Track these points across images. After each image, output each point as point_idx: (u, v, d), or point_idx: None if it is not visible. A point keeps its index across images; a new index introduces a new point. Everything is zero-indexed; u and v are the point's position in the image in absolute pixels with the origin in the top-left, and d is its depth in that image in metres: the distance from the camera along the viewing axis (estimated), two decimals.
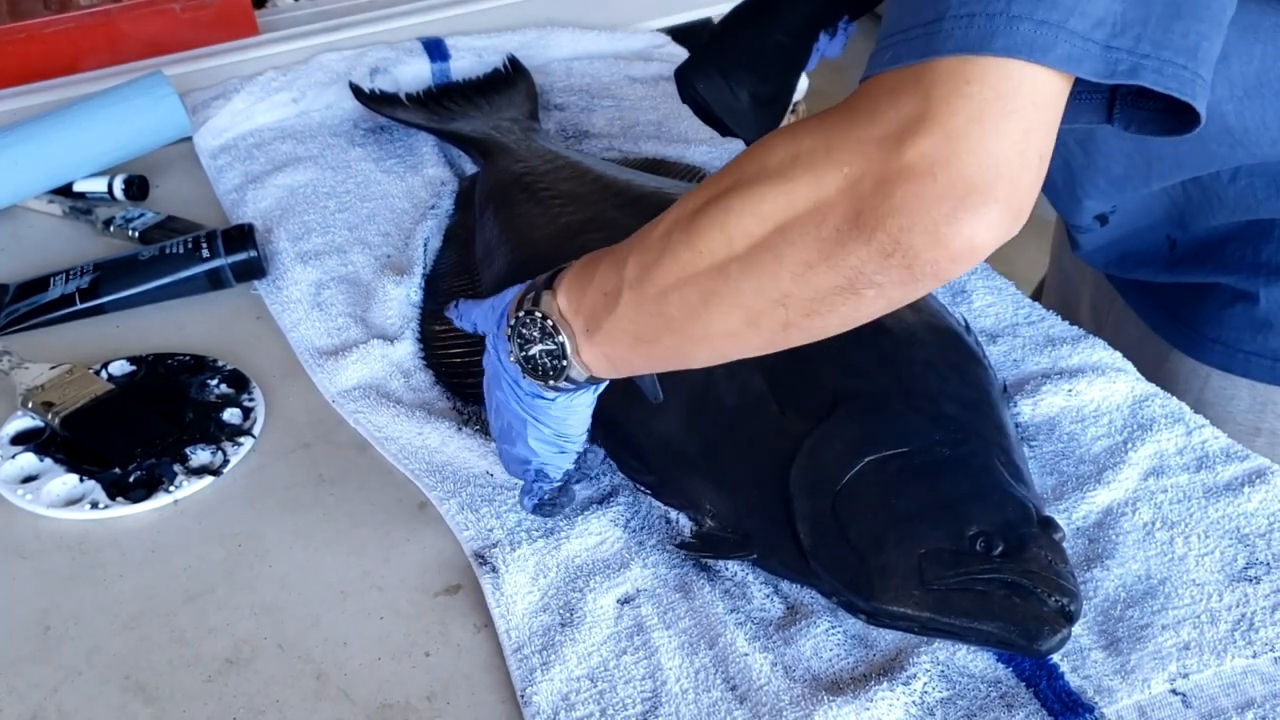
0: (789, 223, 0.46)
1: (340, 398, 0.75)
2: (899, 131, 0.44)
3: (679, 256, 0.50)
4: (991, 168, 0.43)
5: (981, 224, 0.43)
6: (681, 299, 0.50)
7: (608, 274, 0.53)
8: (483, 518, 0.65)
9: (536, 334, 0.56)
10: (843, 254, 0.45)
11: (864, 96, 0.46)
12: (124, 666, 0.59)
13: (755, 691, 0.55)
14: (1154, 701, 0.54)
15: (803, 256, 0.46)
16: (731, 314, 0.49)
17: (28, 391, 0.74)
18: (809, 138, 0.47)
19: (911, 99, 0.44)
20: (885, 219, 0.44)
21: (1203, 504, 0.64)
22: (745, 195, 0.48)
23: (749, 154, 0.49)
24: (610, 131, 1.05)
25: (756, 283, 0.48)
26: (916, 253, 0.44)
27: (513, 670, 0.57)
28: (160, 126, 1.01)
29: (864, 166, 0.44)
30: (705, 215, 0.49)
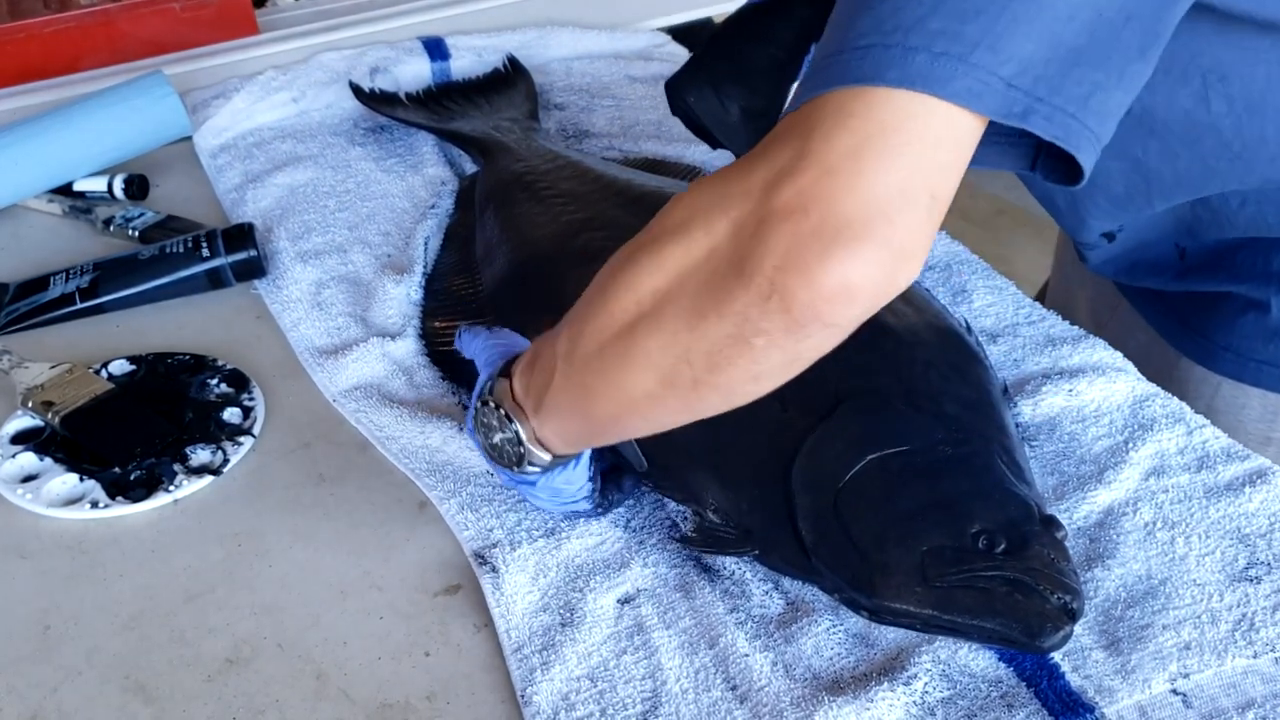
0: (685, 274, 0.46)
1: (341, 397, 0.75)
2: (780, 172, 0.43)
3: (597, 321, 0.50)
4: (869, 204, 0.41)
5: (855, 263, 0.42)
6: (601, 365, 0.50)
7: (547, 351, 0.54)
8: (482, 517, 0.65)
9: (495, 423, 0.57)
10: (728, 299, 0.44)
11: (761, 144, 0.45)
12: (124, 666, 0.59)
13: (756, 692, 0.55)
14: (1154, 701, 0.54)
15: (695, 306, 0.46)
16: (645, 375, 0.49)
17: (28, 391, 0.74)
18: (707, 190, 0.47)
19: (794, 138, 0.43)
20: (761, 260, 0.43)
21: (1203, 504, 0.64)
22: (650, 252, 0.48)
23: (659, 214, 0.49)
24: (610, 131, 1.05)
25: (660, 338, 0.47)
26: (792, 294, 0.43)
27: (513, 670, 0.57)
28: (160, 126, 1.01)
29: (747, 210, 0.44)
30: (617, 276, 0.49)
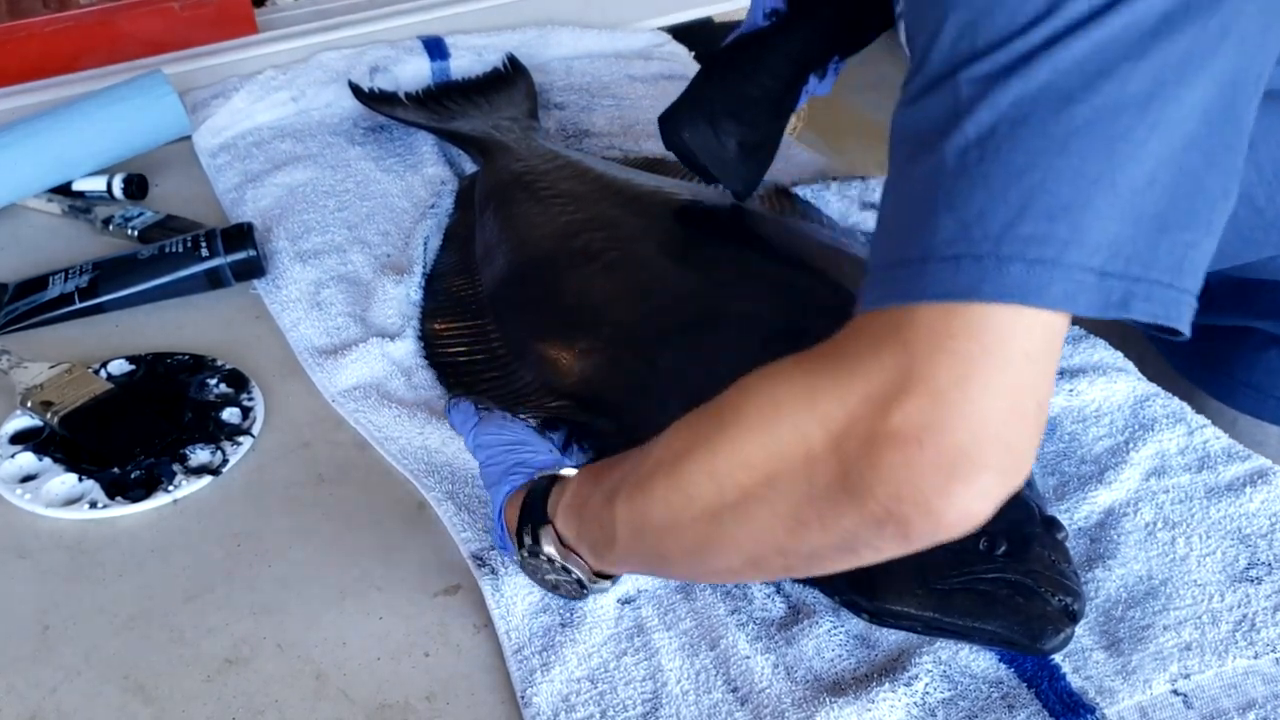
0: (778, 475, 0.45)
1: (340, 397, 0.75)
2: (882, 390, 0.41)
3: (669, 502, 0.48)
4: (982, 432, 0.40)
5: (975, 492, 0.41)
6: (678, 542, 0.49)
7: (599, 511, 0.53)
8: (480, 519, 0.65)
9: (546, 567, 0.56)
10: (835, 516, 0.44)
11: (847, 341, 0.44)
12: (123, 666, 0.59)
13: (757, 694, 0.55)
14: (1155, 702, 0.54)
15: (795, 513, 0.45)
16: (732, 557, 0.48)
17: (27, 391, 0.74)
18: (789, 385, 0.45)
19: (893, 352, 0.42)
20: (874, 487, 0.42)
21: (1204, 504, 0.64)
22: (730, 441, 0.46)
23: (729, 395, 0.47)
24: (610, 130, 1.05)
25: (752, 532, 0.47)
26: (909, 522, 0.42)
27: (513, 671, 0.56)
28: (159, 125, 1.01)
29: (848, 425, 0.42)
30: (691, 460, 0.48)
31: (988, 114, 0.41)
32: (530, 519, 0.57)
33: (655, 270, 0.76)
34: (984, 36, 0.41)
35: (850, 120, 2.65)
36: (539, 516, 0.56)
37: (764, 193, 0.89)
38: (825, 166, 0.99)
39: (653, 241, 0.78)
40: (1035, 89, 0.40)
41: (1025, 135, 0.40)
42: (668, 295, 0.73)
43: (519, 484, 0.59)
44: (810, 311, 0.69)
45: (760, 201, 0.88)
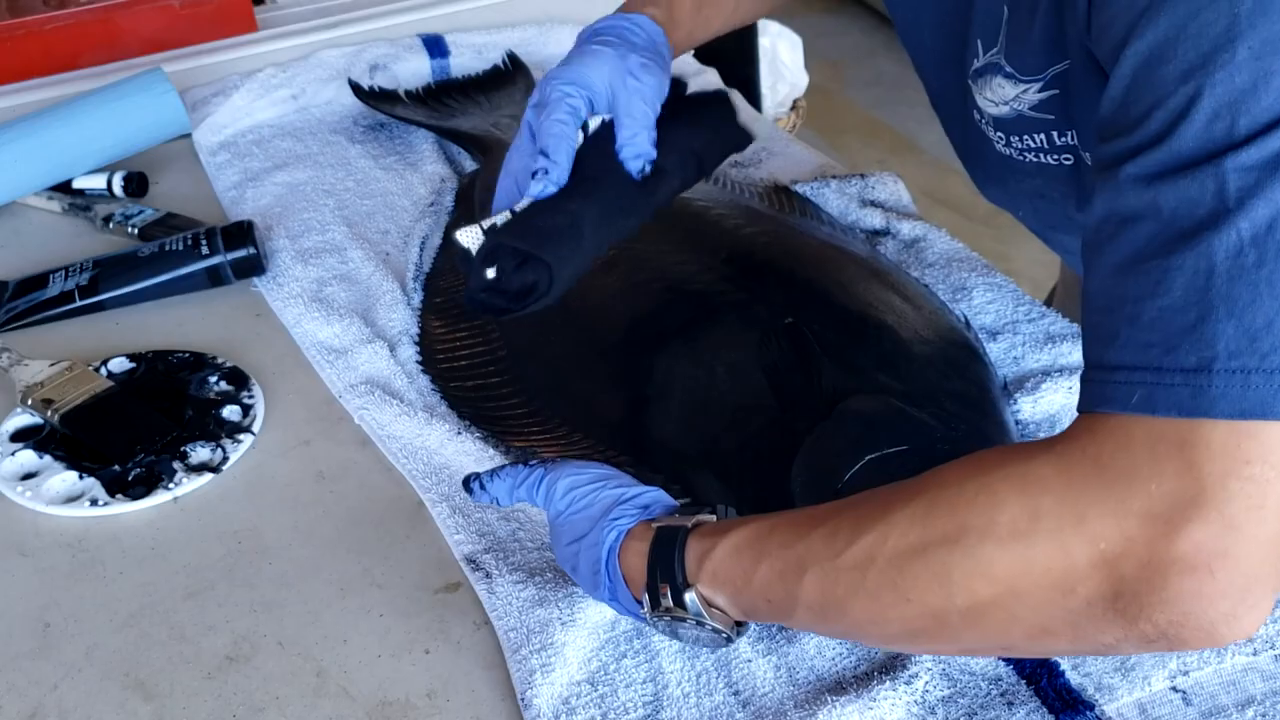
0: (1027, 587, 0.43)
1: (346, 392, 0.75)
2: (1167, 513, 0.40)
3: (880, 599, 0.46)
4: (1272, 556, 0.40)
5: (1258, 614, 0.41)
6: (881, 631, 0.48)
7: (772, 583, 0.49)
8: (474, 522, 0.65)
9: (690, 625, 0.52)
10: (1094, 631, 0.42)
11: (1115, 451, 0.41)
12: (124, 663, 0.59)
13: (759, 697, 0.55)
14: (1154, 699, 0.54)
15: (1042, 623, 0.43)
16: (943, 646, 0.48)
17: (27, 388, 0.74)
18: (1050, 496, 0.42)
19: (1179, 473, 0.39)
20: (1153, 610, 0.40)
21: None
22: (972, 553, 0.43)
23: (970, 499, 0.44)
24: None
25: (980, 634, 0.45)
26: (1184, 642, 0.41)
27: (512, 672, 0.56)
28: (159, 123, 1.01)
29: (1125, 547, 0.40)
30: (918, 564, 0.45)
31: (1265, 209, 0.39)
32: (665, 578, 0.51)
33: (655, 268, 0.76)
34: (1247, 120, 0.39)
35: (849, 117, 2.66)
36: (678, 579, 0.51)
37: (764, 190, 0.89)
38: (824, 164, 0.99)
39: (653, 240, 0.78)
40: None
41: None
42: (668, 293, 0.73)
43: (628, 526, 0.53)
44: (811, 310, 0.69)
45: (760, 199, 0.88)
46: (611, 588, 0.54)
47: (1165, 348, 0.40)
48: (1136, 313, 0.42)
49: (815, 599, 0.48)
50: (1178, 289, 0.40)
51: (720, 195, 0.86)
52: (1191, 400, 0.40)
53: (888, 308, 0.70)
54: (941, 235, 0.87)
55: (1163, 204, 0.41)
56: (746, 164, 0.99)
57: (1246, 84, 0.40)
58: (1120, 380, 0.42)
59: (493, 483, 0.58)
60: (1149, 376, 0.41)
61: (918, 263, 0.84)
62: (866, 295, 0.71)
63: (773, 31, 1.56)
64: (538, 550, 0.63)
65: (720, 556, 0.51)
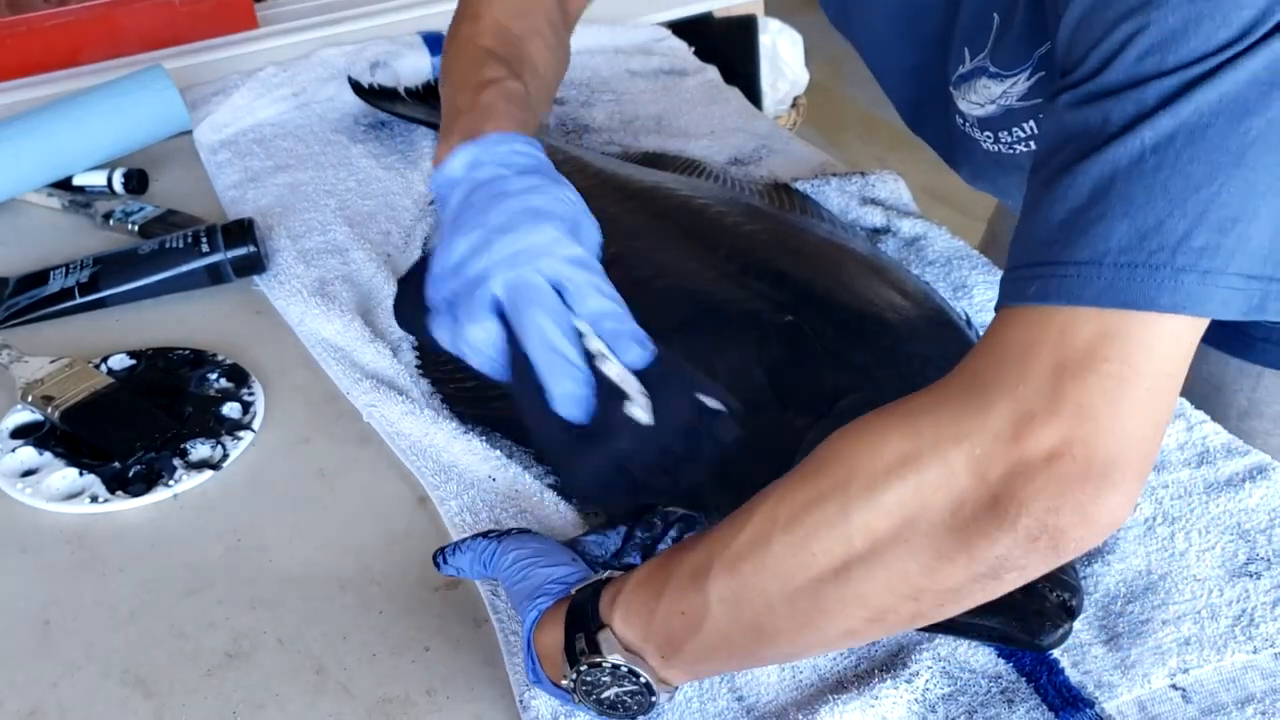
0: (917, 515, 0.44)
1: (354, 389, 0.74)
2: (1030, 411, 0.42)
3: (784, 564, 0.46)
4: (1129, 444, 0.42)
5: (1124, 497, 0.43)
6: (792, 609, 0.47)
7: (683, 593, 0.49)
8: (482, 522, 0.65)
9: (607, 679, 0.50)
10: (984, 543, 0.43)
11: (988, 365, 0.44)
12: (124, 661, 0.59)
13: (763, 704, 0.55)
14: (1154, 697, 0.54)
15: (937, 549, 0.44)
16: (853, 615, 0.47)
17: (27, 385, 0.74)
18: (929, 418, 0.44)
19: (1043, 374, 0.42)
20: (1028, 502, 0.42)
21: (1203, 499, 0.64)
22: (864, 490, 0.45)
23: (855, 444, 0.46)
24: (610, 126, 1.05)
25: (884, 582, 0.45)
26: (1063, 532, 0.43)
27: (511, 675, 0.56)
28: (159, 120, 1.01)
29: (995, 449, 0.42)
30: (813, 515, 0.46)
31: (1168, 121, 0.42)
32: (582, 628, 0.51)
33: (655, 266, 0.75)
34: (1174, 57, 0.42)
35: (850, 114, 2.65)
36: (593, 624, 0.51)
37: (764, 188, 0.89)
38: (824, 162, 0.99)
39: (653, 238, 0.78)
40: (1215, 100, 0.42)
41: (1204, 146, 0.41)
42: (668, 291, 0.73)
43: (549, 604, 0.53)
44: (813, 307, 0.69)
45: (761, 197, 0.88)
46: (534, 668, 0.53)
47: (1064, 244, 0.43)
48: (1047, 217, 0.44)
49: (723, 589, 0.47)
50: (1084, 192, 0.43)
51: (720, 193, 0.86)
52: (1079, 289, 0.42)
53: (888, 305, 0.70)
54: (942, 233, 0.87)
55: (1086, 122, 0.44)
56: (747, 162, 0.99)
57: (1178, 25, 0.42)
58: (1022, 276, 0.44)
59: (454, 556, 0.58)
60: (1045, 270, 0.43)
61: (918, 260, 0.84)
62: (867, 293, 0.71)
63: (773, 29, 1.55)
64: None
65: (630, 589, 0.51)
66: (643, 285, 0.74)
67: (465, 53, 0.69)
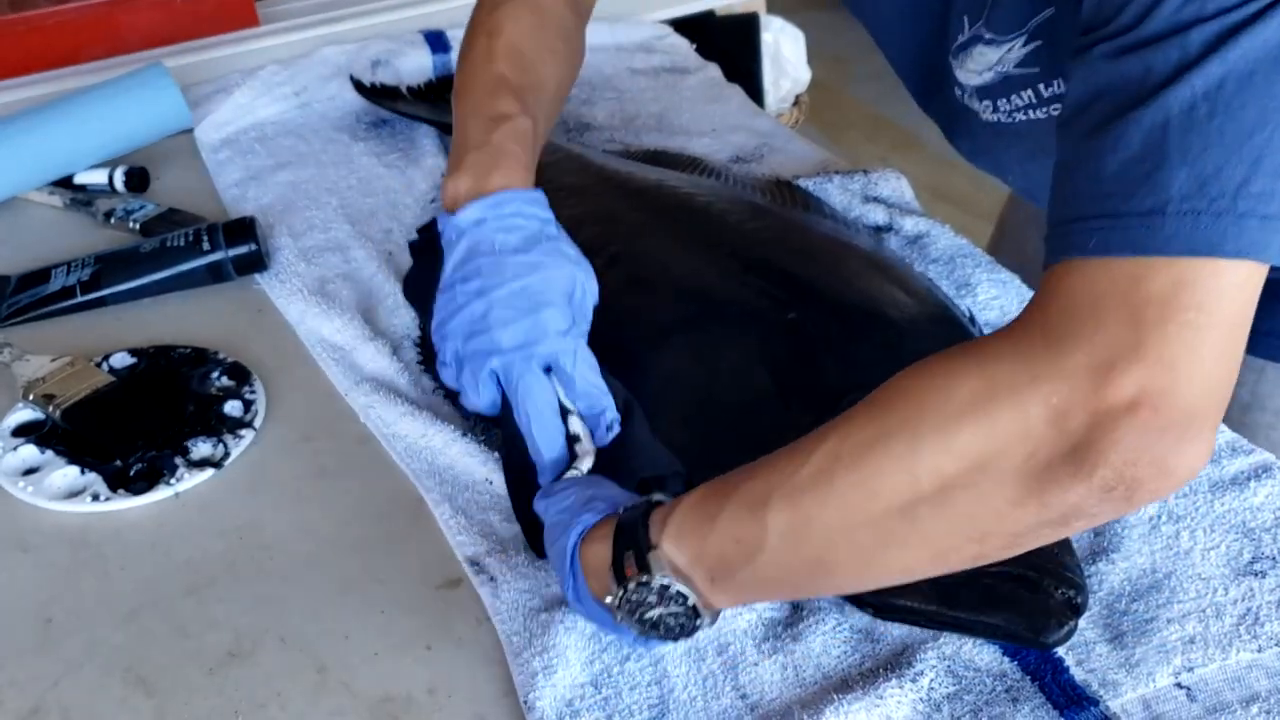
0: (989, 458, 0.44)
1: (353, 390, 0.74)
2: (1110, 360, 0.42)
3: (847, 500, 0.46)
4: (1209, 392, 0.43)
5: (1203, 447, 0.43)
6: (851, 544, 0.47)
7: (739, 521, 0.49)
8: (477, 524, 0.64)
9: (654, 599, 0.50)
10: (1057, 491, 0.43)
11: (1060, 312, 0.44)
12: (125, 659, 0.59)
13: (767, 703, 0.55)
14: (1159, 695, 0.54)
15: (1008, 494, 0.44)
16: (915, 553, 0.47)
17: (29, 383, 0.74)
18: (1003, 364, 0.44)
19: (1119, 322, 0.42)
20: (1107, 453, 0.42)
21: (1209, 498, 0.64)
22: (933, 431, 0.44)
23: (924, 383, 0.46)
24: (611, 124, 1.05)
25: (950, 524, 0.45)
26: (1141, 484, 0.43)
27: (515, 675, 0.56)
28: (161, 118, 1.01)
29: (1074, 398, 0.42)
30: (879, 452, 0.46)
31: (1217, 67, 0.42)
32: (631, 546, 0.51)
33: (658, 265, 0.75)
34: (1214, 3, 0.42)
35: (852, 113, 2.65)
36: (643, 542, 0.51)
37: (767, 185, 0.89)
38: (826, 160, 0.98)
39: (655, 236, 0.78)
40: (1260, 45, 0.42)
41: (1254, 92, 0.42)
42: (671, 289, 0.73)
43: (596, 519, 0.54)
44: (816, 304, 0.69)
45: (762, 194, 0.87)
46: (575, 586, 0.53)
47: (1123, 196, 0.43)
48: (1098, 169, 0.44)
49: (784, 522, 0.48)
50: (1136, 142, 0.43)
51: (723, 190, 0.86)
52: (1145, 239, 0.42)
53: (891, 302, 0.70)
54: (945, 231, 0.86)
55: (1128, 72, 0.44)
56: (749, 159, 0.99)
57: None
58: (1078, 229, 0.44)
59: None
60: (1106, 222, 0.43)
61: (921, 258, 0.84)
62: (870, 289, 0.71)
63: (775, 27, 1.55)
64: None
65: (683, 511, 0.51)
66: (645, 283, 0.74)
67: (480, 75, 0.73)
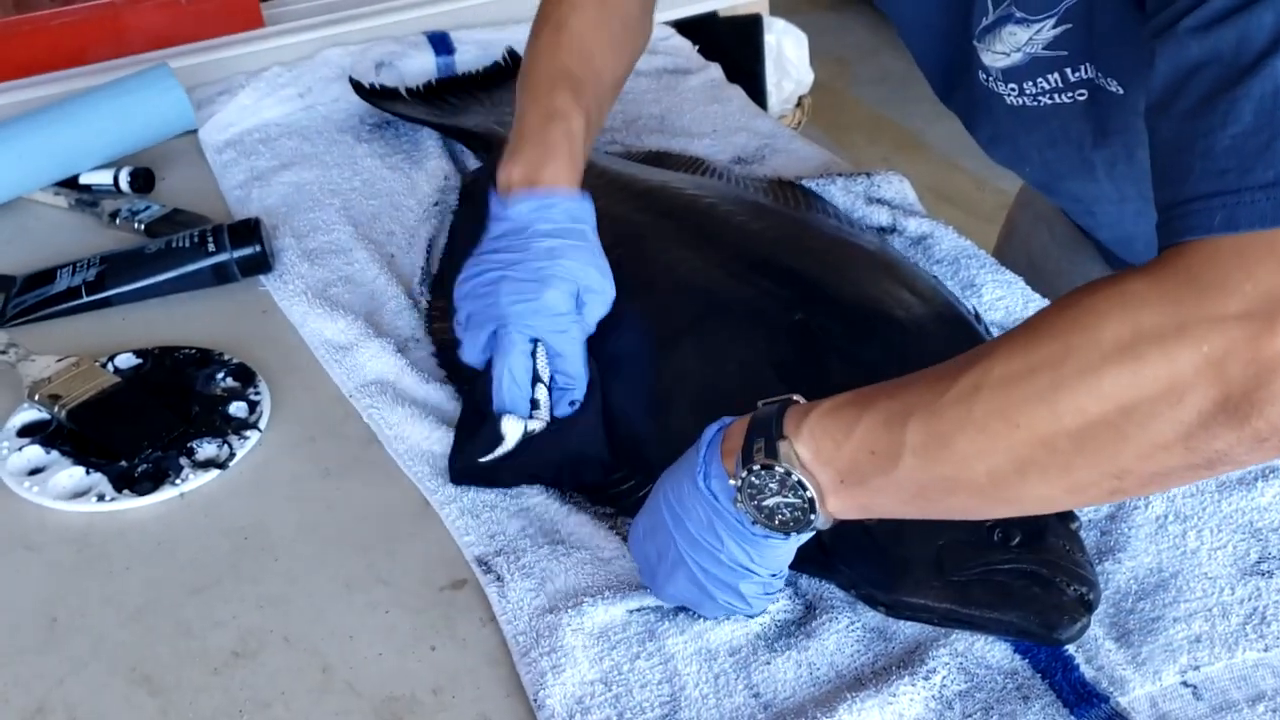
0: (1135, 403, 0.44)
1: (356, 392, 0.74)
2: (1265, 310, 0.41)
3: (988, 428, 0.47)
4: None
5: None
6: (988, 467, 0.47)
7: (876, 432, 0.50)
8: (484, 523, 0.64)
9: (775, 486, 0.52)
10: (1206, 438, 0.43)
11: (1204, 264, 0.43)
12: (130, 658, 0.59)
13: (780, 700, 0.55)
14: (1165, 693, 0.54)
15: (1154, 439, 0.44)
16: (1052, 484, 0.47)
17: (35, 384, 0.74)
18: (1150, 311, 0.44)
19: (1271, 273, 0.42)
20: (1264, 405, 0.42)
21: (1215, 498, 0.63)
22: (1079, 372, 0.44)
23: (1070, 321, 0.46)
24: (613, 125, 1.05)
25: (1091, 459, 0.45)
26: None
27: (523, 675, 0.56)
28: (166, 119, 1.01)
29: (1228, 346, 0.42)
30: (1025, 387, 0.46)
31: None
32: (762, 435, 0.52)
33: (663, 266, 0.75)
34: None
35: (855, 114, 2.65)
36: (774, 433, 0.52)
37: (770, 185, 0.89)
38: (828, 161, 0.98)
39: (660, 237, 0.77)
40: None
41: None
42: (676, 290, 0.73)
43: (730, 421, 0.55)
44: (822, 304, 0.69)
45: (766, 194, 0.87)
46: (705, 470, 0.54)
47: (1241, 170, 0.42)
48: (1209, 146, 0.43)
49: (920, 440, 0.48)
50: (1247, 115, 0.43)
51: (727, 190, 0.86)
52: (1274, 211, 0.41)
53: (897, 302, 0.70)
54: (949, 232, 0.86)
55: (1223, 45, 0.43)
56: (750, 161, 0.99)
57: None
58: (1199, 209, 0.43)
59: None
60: (1229, 199, 0.43)
61: (926, 259, 0.84)
62: (875, 289, 0.71)
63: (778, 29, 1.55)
64: (548, 546, 0.63)
65: (820, 414, 0.52)
66: (650, 285, 0.74)
67: (545, 65, 0.78)
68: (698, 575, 0.56)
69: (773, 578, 0.56)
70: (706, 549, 0.55)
